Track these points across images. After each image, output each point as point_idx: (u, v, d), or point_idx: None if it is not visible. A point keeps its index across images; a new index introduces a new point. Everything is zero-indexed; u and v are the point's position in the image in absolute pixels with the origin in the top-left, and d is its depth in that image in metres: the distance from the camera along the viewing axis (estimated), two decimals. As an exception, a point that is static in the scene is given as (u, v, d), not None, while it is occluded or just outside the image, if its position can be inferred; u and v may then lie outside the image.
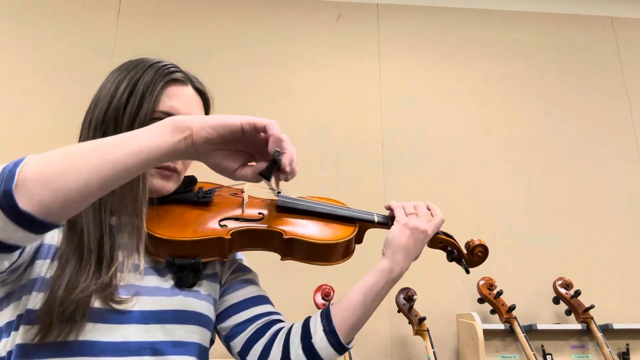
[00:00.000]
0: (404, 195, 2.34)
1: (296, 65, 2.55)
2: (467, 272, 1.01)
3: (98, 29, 2.48)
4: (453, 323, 2.16)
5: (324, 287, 1.95)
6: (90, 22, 2.49)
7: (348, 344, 0.87)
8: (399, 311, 2.01)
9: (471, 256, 1.00)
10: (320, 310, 0.90)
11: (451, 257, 1.01)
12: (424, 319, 1.94)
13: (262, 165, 0.69)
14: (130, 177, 0.62)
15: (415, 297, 1.98)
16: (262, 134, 0.67)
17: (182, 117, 0.65)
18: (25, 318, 0.73)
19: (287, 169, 0.67)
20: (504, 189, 2.43)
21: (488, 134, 2.52)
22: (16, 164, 0.57)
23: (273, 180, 0.69)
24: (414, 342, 2.12)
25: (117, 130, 0.81)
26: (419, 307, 1.98)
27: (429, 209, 0.96)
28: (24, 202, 0.55)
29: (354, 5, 2.68)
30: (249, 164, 0.70)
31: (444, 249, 1.01)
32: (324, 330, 0.85)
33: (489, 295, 2.05)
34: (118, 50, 2.43)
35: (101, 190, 0.60)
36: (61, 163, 0.58)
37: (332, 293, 1.94)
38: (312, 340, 0.84)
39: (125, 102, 0.82)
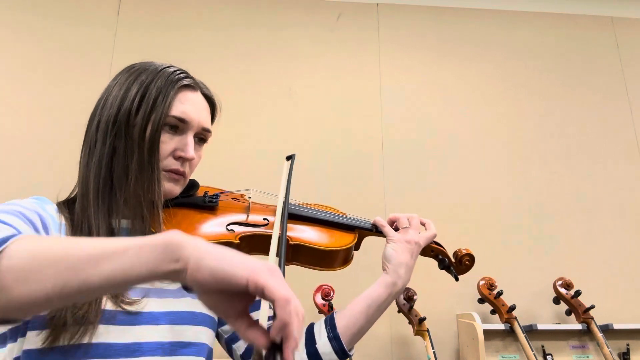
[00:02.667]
0: (404, 195, 2.35)
1: (296, 65, 2.55)
2: (456, 279, 1.09)
3: (98, 29, 2.48)
4: (453, 323, 2.16)
5: (324, 287, 1.95)
6: (90, 22, 2.49)
7: (350, 350, 0.90)
8: (399, 311, 2.01)
9: (459, 265, 1.07)
10: (324, 317, 0.93)
11: (442, 265, 1.08)
12: (424, 319, 1.94)
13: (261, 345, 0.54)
14: (95, 296, 0.57)
15: (415, 297, 1.98)
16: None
17: (179, 241, 0.51)
18: (33, 323, 0.72)
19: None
20: (504, 189, 2.42)
21: (488, 134, 2.52)
22: None
23: None
24: (414, 342, 2.12)
25: (128, 134, 0.82)
26: (419, 307, 1.98)
27: (422, 224, 1.01)
28: None
29: (354, 5, 2.68)
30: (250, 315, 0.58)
31: (435, 257, 1.07)
32: (328, 337, 0.88)
33: (489, 296, 2.05)
34: (118, 50, 2.43)
35: (60, 302, 0.53)
36: (24, 271, 0.50)
37: (332, 293, 1.94)
38: (316, 345, 0.88)
39: (138, 106, 0.83)
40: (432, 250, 1.06)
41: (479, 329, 1.96)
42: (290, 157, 1.01)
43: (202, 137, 0.91)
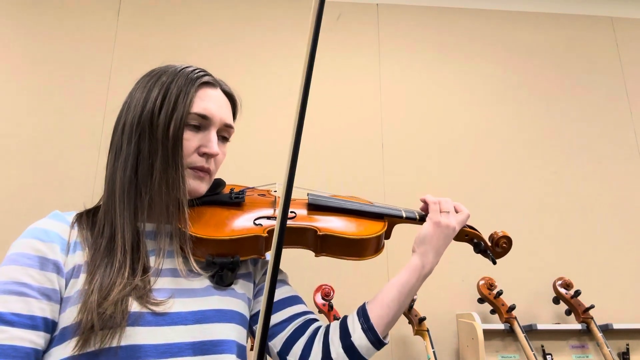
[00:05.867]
0: (404, 195, 2.36)
1: (296, 65, 2.55)
2: (494, 262, 1.07)
3: (98, 29, 2.48)
4: (453, 323, 2.16)
5: (324, 287, 1.95)
6: (90, 22, 2.49)
7: (384, 338, 0.90)
8: (399, 311, 2.01)
9: (496, 247, 1.06)
10: (356, 309, 0.93)
11: (478, 249, 1.06)
12: (424, 319, 1.94)
13: None
14: None
15: (415, 297, 1.98)
16: None
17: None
18: (59, 337, 0.73)
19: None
20: (503, 189, 2.43)
21: (488, 134, 2.52)
22: None
23: None
24: (414, 342, 2.12)
25: (152, 134, 0.83)
26: (419, 307, 1.98)
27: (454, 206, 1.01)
28: None
29: (354, 5, 2.68)
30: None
31: (470, 241, 1.06)
32: (362, 328, 0.88)
33: (489, 295, 2.05)
34: (118, 50, 2.43)
35: None
36: None
37: (332, 293, 1.94)
38: (352, 338, 0.88)
39: (160, 105, 0.84)
40: (466, 234, 1.05)
41: (478, 328, 1.96)
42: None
43: (224, 134, 0.93)
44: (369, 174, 2.38)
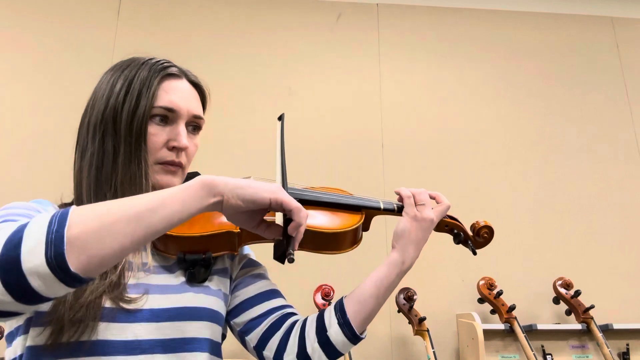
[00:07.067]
0: (404, 195, 2.35)
1: (296, 65, 2.55)
2: (474, 253, 1.02)
3: (98, 29, 2.48)
4: (453, 323, 2.16)
5: (324, 287, 1.95)
6: (90, 22, 2.49)
7: (361, 334, 0.89)
8: (399, 311, 2.01)
9: (477, 237, 1.01)
10: (333, 304, 0.92)
11: (458, 240, 1.02)
12: (424, 319, 1.94)
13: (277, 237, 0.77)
14: (159, 235, 0.64)
15: (415, 297, 1.98)
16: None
17: (213, 180, 0.67)
18: (35, 321, 0.73)
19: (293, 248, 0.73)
20: (503, 189, 2.43)
21: (488, 134, 2.52)
22: (61, 225, 0.57)
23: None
24: (414, 342, 2.12)
25: (116, 130, 0.81)
26: (419, 307, 1.98)
27: (432, 197, 0.97)
28: (73, 264, 0.56)
29: (354, 5, 2.68)
30: (266, 217, 0.77)
31: (450, 232, 1.01)
32: (339, 323, 0.87)
33: (489, 295, 2.05)
34: (118, 50, 2.43)
35: (133, 250, 0.62)
36: (99, 230, 0.59)
37: (332, 293, 1.94)
38: (328, 333, 0.87)
39: (123, 100, 0.82)
40: (446, 225, 1.00)
41: (478, 328, 1.96)
42: (280, 117, 0.98)
43: (195, 124, 0.89)
44: (369, 174, 2.38)
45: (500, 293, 2.03)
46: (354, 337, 0.87)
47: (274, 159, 0.93)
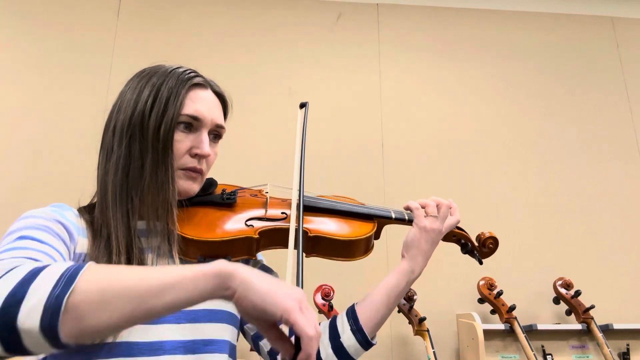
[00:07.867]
0: (404, 195, 2.34)
1: (296, 66, 2.55)
2: (480, 263, 1.08)
3: (98, 29, 2.48)
4: (453, 323, 2.16)
5: (324, 287, 1.95)
6: (90, 22, 2.49)
7: (372, 339, 0.93)
8: (399, 311, 2.01)
9: (483, 248, 1.07)
10: (344, 311, 0.96)
11: (465, 250, 1.08)
12: (424, 319, 1.94)
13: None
14: (157, 318, 0.61)
15: (415, 297, 1.98)
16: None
17: (230, 272, 0.59)
18: None
19: None
20: (503, 189, 2.43)
21: (488, 134, 2.52)
22: (67, 287, 0.56)
23: None
24: (414, 342, 2.12)
25: (143, 135, 0.84)
26: (419, 307, 1.98)
27: (450, 208, 1.02)
28: (64, 333, 0.55)
29: (354, 5, 2.68)
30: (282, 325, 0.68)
31: (457, 242, 1.07)
32: (352, 329, 0.91)
33: (489, 295, 2.05)
34: (118, 50, 2.43)
35: (129, 327, 0.60)
36: (99, 303, 0.57)
37: (332, 293, 1.94)
38: (341, 339, 0.91)
39: (150, 107, 0.85)
40: (454, 235, 1.06)
41: (479, 329, 1.96)
42: (303, 105, 1.00)
43: (216, 133, 0.93)
44: (369, 174, 2.38)
45: (500, 293, 2.03)
46: (366, 343, 0.91)
47: (292, 151, 0.93)
